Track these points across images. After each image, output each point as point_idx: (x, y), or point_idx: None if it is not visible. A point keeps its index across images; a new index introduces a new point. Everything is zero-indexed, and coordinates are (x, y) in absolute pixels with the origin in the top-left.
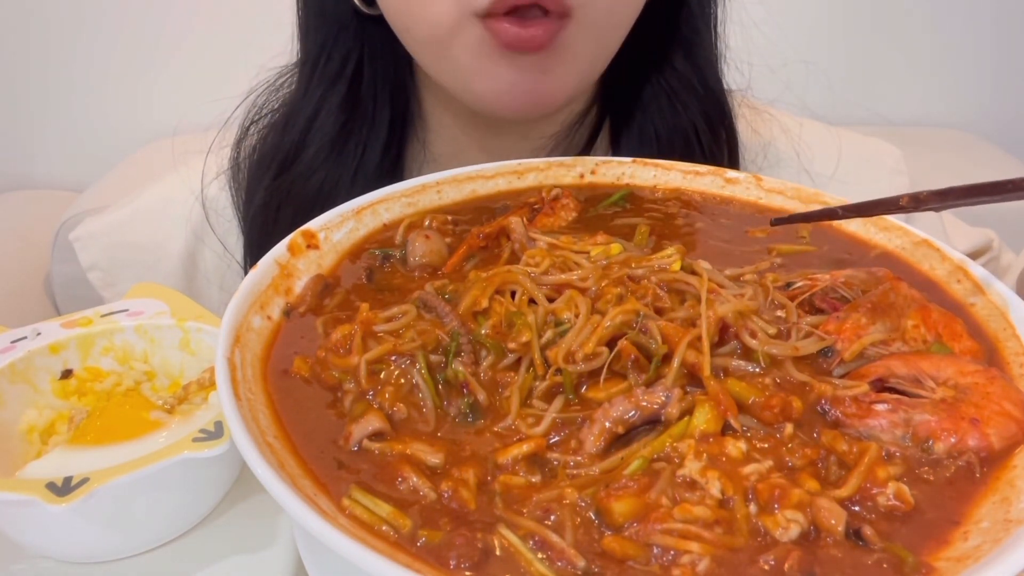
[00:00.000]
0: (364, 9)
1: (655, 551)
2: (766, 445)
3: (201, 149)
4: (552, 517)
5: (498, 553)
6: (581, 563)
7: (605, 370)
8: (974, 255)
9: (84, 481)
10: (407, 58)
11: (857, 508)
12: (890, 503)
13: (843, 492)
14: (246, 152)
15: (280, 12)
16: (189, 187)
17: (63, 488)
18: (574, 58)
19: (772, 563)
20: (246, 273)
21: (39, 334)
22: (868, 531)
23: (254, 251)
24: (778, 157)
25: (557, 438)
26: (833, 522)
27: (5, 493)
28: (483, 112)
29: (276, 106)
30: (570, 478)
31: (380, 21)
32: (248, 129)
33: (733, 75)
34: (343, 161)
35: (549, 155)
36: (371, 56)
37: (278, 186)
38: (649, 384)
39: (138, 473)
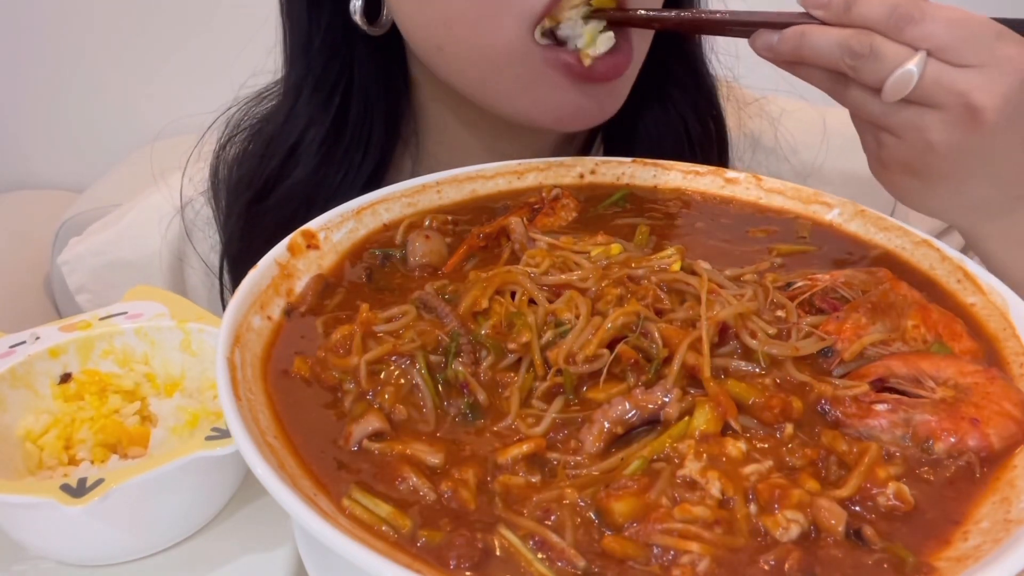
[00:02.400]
0: (365, 28)
1: (655, 551)
2: (766, 445)
3: (193, 155)
4: (552, 517)
5: (498, 553)
6: (581, 563)
7: (605, 372)
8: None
9: (99, 482)
10: (403, 74)
11: (857, 508)
12: (890, 503)
13: (843, 492)
14: (224, 168)
15: (279, 14)
16: (173, 202)
17: (78, 489)
18: (633, 71)
19: (772, 563)
20: (222, 292)
21: (38, 338)
22: (868, 531)
23: (232, 271)
24: (765, 149)
25: (557, 438)
26: (833, 522)
27: (20, 496)
28: (532, 127)
29: (255, 121)
30: (570, 478)
31: (373, 41)
32: (225, 145)
33: (724, 73)
34: (325, 184)
35: (549, 156)
36: (363, 80)
37: (253, 215)
38: (649, 386)
39: (152, 473)
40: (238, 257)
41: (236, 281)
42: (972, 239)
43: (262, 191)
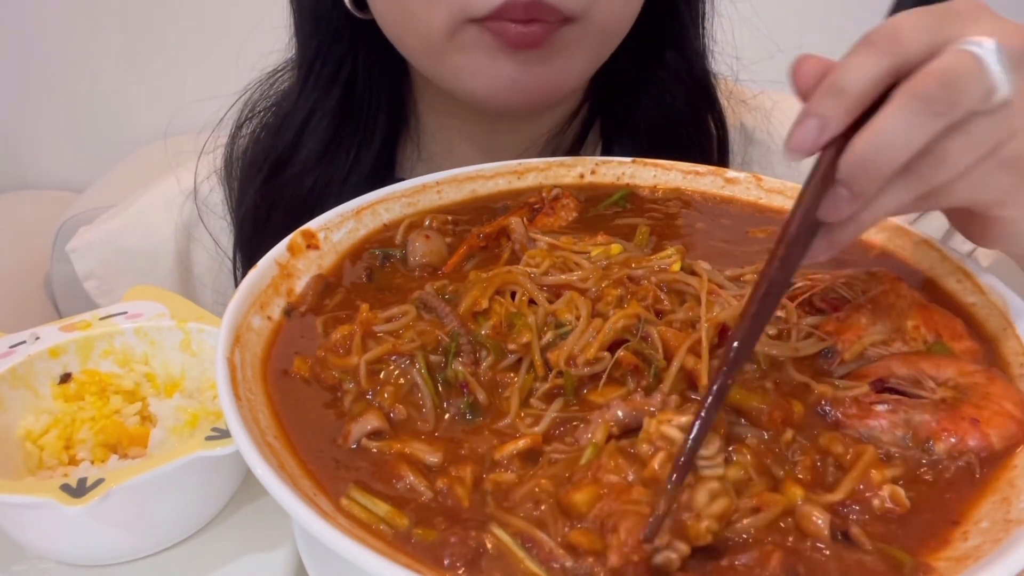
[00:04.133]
0: (357, 14)
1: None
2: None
3: (194, 151)
4: (542, 507)
5: (490, 551)
6: (569, 563)
7: (605, 376)
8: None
9: (99, 482)
10: (402, 60)
11: (855, 508)
12: (886, 506)
13: (835, 496)
14: (239, 150)
15: (278, 12)
16: (183, 189)
17: (78, 489)
18: (574, 54)
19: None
20: (235, 272)
21: (38, 338)
22: (856, 531)
23: (245, 250)
24: (757, 142)
25: (554, 436)
26: (820, 523)
27: (20, 496)
28: (483, 108)
29: (270, 103)
30: (550, 464)
31: (375, 25)
32: (242, 127)
33: (721, 69)
34: (336, 164)
35: (543, 150)
36: (366, 60)
37: (269, 188)
38: (649, 391)
39: (152, 473)
40: (252, 236)
41: (248, 262)
42: None
43: (277, 165)
